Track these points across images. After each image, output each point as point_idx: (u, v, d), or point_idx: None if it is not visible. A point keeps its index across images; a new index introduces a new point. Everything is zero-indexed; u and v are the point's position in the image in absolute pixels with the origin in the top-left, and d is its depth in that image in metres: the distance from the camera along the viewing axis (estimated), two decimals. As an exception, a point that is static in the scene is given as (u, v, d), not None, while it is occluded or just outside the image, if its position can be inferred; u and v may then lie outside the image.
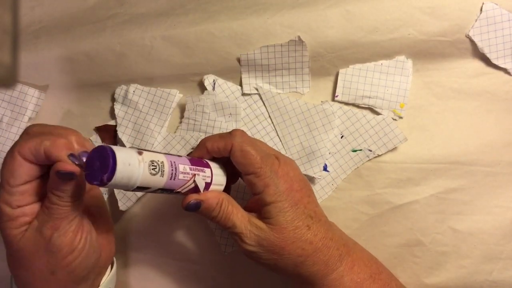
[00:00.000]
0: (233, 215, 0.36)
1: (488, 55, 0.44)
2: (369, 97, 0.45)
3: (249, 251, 0.37)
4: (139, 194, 0.46)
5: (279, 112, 0.46)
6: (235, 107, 0.45)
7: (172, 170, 0.33)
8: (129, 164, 0.29)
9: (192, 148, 0.46)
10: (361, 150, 0.45)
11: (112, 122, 0.47)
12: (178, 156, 0.35)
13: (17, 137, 0.45)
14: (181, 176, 0.33)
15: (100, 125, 0.47)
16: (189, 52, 0.45)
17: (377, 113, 0.45)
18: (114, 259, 0.41)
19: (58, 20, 0.47)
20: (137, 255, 0.48)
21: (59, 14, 0.47)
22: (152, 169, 0.31)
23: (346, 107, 0.45)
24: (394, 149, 0.45)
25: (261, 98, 0.46)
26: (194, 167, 0.35)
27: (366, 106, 0.45)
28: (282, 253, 0.36)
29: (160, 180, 0.32)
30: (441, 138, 0.45)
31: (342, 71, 0.45)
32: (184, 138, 0.46)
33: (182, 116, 0.46)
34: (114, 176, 0.28)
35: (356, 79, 0.45)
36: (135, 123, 0.46)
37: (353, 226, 0.45)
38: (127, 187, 0.30)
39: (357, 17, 0.43)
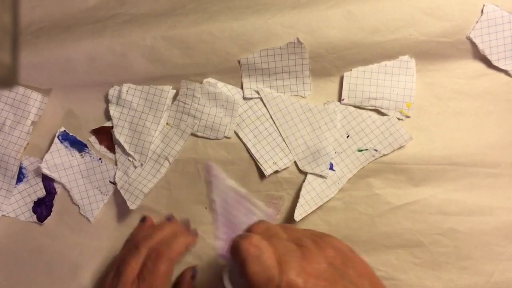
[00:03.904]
0: None
1: (489, 57, 0.44)
2: (375, 99, 0.45)
3: None
4: (146, 190, 0.45)
5: (281, 114, 0.45)
6: (227, 101, 0.45)
7: None
8: None
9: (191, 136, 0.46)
10: (366, 149, 0.45)
11: (109, 123, 0.47)
12: None
13: (19, 141, 0.45)
14: None
15: (96, 127, 0.47)
16: (189, 53, 0.45)
17: (384, 114, 0.45)
18: None
19: (58, 20, 0.47)
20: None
21: (59, 14, 0.47)
22: None
23: (351, 107, 0.45)
24: (394, 149, 0.45)
25: (262, 101, 0.46)
26: None
27: (373, 107, 0.45)
28: None
29: None
30: (442, 139, 0.45)
31: (347, 74, 0.45)
32: (180, 128, 0.46)
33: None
34: None
35: (361, 81, 0.45)
36: (131, 123, 0.46)
37: (353, 227, 0.45)
38: None
39: (358, 18, 0.43)
